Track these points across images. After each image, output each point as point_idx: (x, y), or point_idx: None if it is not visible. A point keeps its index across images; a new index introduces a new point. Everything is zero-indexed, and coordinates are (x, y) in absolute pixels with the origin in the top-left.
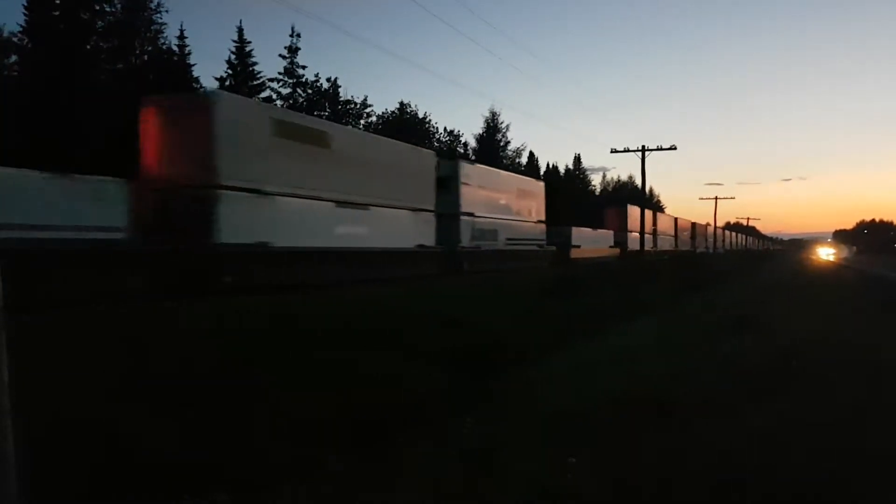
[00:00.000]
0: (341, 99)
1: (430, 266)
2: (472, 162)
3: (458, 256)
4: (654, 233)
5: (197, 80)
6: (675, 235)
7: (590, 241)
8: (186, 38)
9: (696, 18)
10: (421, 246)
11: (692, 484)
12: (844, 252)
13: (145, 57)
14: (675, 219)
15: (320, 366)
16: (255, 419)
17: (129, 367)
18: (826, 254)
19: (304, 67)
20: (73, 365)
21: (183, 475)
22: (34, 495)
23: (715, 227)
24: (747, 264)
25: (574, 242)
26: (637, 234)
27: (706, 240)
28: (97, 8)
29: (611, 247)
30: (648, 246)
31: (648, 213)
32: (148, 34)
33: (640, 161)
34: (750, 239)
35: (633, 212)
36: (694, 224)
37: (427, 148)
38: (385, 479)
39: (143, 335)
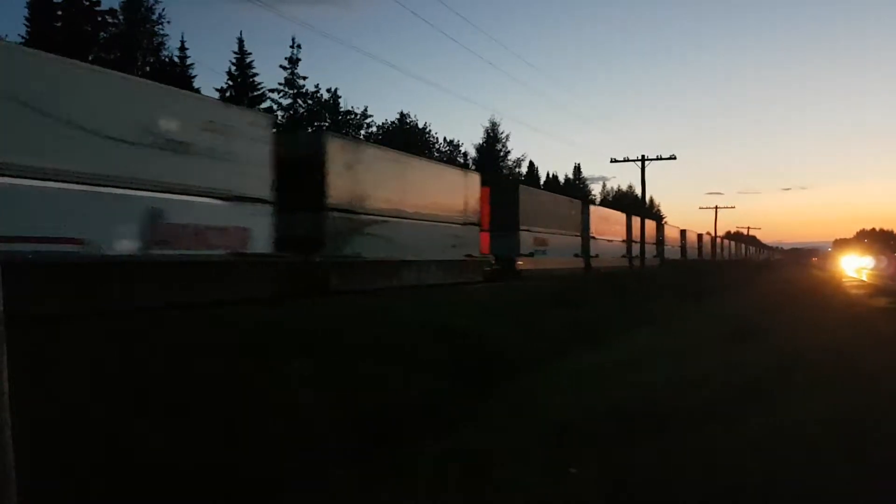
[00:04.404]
0: (341, 109)
1: None
2: None
3: None
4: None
5: (198, 91)
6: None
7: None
8: (187, 49)
9: (695, 29)
10: None
11: None
12: (877, 263)
13: (147, 68)
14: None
15: (314, 372)
16: (251, 427)
17: (127, 371)
18: (856, 267)
19: (304, 78)
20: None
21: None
22: None
23: (704, 233)
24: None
25: None
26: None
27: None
28: (99, 20)
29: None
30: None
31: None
32: (150, 46)
33: (640, 171)
34: (744, 247)
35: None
36: (585, 202)
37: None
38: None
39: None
